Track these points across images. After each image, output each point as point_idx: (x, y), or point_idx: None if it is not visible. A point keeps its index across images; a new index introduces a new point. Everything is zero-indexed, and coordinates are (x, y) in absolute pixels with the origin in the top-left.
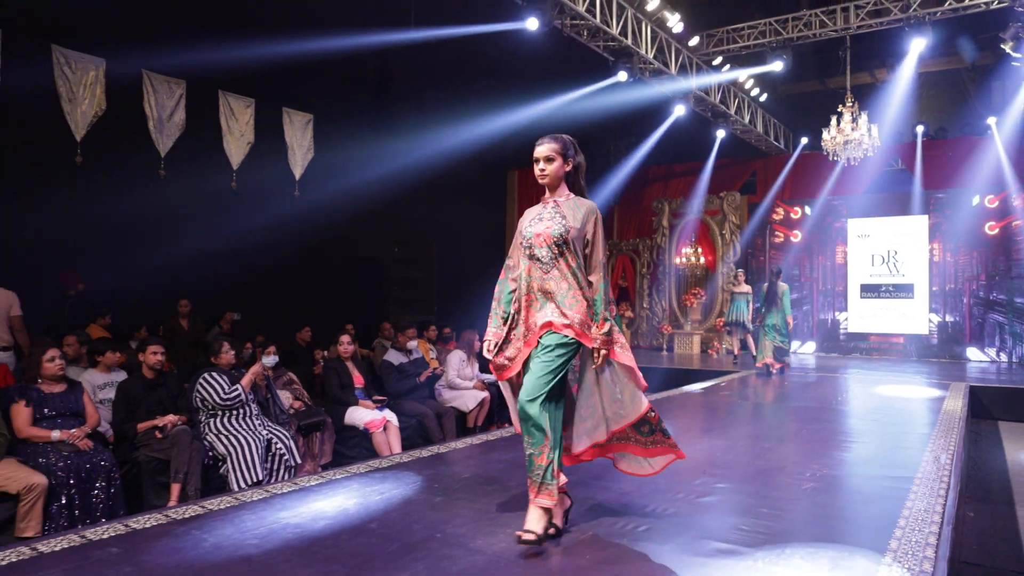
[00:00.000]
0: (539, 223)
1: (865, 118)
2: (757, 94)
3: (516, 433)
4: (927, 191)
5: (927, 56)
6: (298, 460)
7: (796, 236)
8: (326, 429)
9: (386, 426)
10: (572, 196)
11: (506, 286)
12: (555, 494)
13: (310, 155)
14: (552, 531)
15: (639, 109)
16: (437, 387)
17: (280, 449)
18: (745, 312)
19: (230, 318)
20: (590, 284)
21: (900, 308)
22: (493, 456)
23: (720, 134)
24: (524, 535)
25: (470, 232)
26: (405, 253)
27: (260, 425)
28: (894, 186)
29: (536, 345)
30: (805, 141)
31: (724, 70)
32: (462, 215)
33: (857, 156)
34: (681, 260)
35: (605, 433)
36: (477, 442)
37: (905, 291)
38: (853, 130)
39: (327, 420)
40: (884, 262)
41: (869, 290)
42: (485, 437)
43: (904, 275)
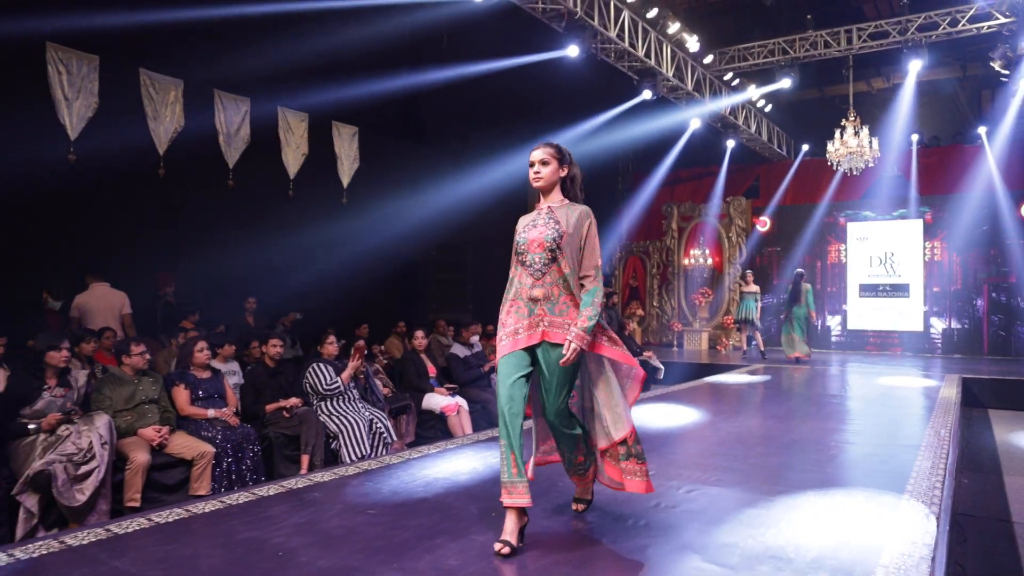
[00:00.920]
0: (532, 229)
1: (866, 132)
2: (762, 105)
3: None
4: (922, 196)
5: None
6: (394, 437)
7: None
8: (410, 412)
9: (459, 410)
10: (567, 202)
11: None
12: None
13: (356, 165)
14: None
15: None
16: (493, 377)
17: (380, 428)
18: (754, 310)
19: (292, 317)
20: (581, 288)
21: (897, 307)
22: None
23: (730, 144)
24: (579, 506)
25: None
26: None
27: (362, 407)
28: (891, 191)
29: (513, 348)
30: (806, 148)
31: (734, 83)
32: (494, 223)
33: (859, 167)
34: (690, 261)
35: (605, 442)
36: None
37: (901, 291)
38: (856, 143)
39: (411, 404)
40: (882, 263)
41: (867, 290)
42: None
43: (900, 276)
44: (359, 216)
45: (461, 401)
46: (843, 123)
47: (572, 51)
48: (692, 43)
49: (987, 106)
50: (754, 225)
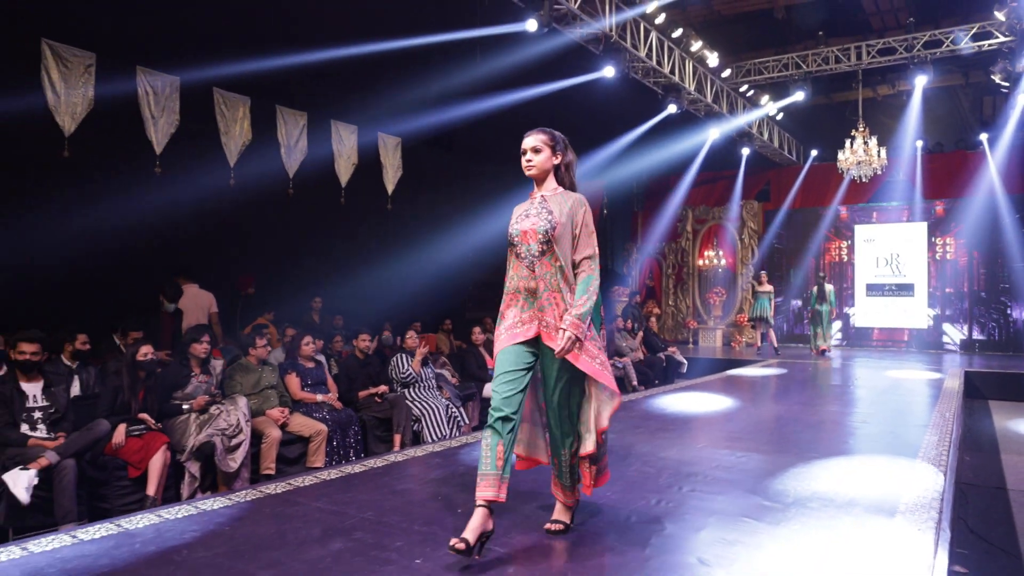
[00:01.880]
0: (525, 220)
1: (875, 141)
2: (774, 113)
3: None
4: (926, 200)
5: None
6: (467, 421)
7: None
8: (475, 399)
9: None
10: (560, 190)
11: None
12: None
13: (399, 173)
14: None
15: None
16: None
17: (455, 412)
18: (768, 309)
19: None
20: (577, 277)
21: (902, 305)
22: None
23: (745, 152)
24: (555, 526)
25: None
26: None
27: (440, 394)
28: (896, 196)
29: (521, 343)
30: (815, 153)
31: (749, 94)
32: (499, 222)
33: (867, 174)
34: (704, 262)
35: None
36: None
37: (906, 290)
38: (864, 153)
39: (476, 392)
40: (888, 264)
41: (874, 289)
42: None
43: (905, 276)
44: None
45: None
46: (853, 133)
47: (608, 72)
48: (712, 59)
49: (989, 112)
50: (766, 227)
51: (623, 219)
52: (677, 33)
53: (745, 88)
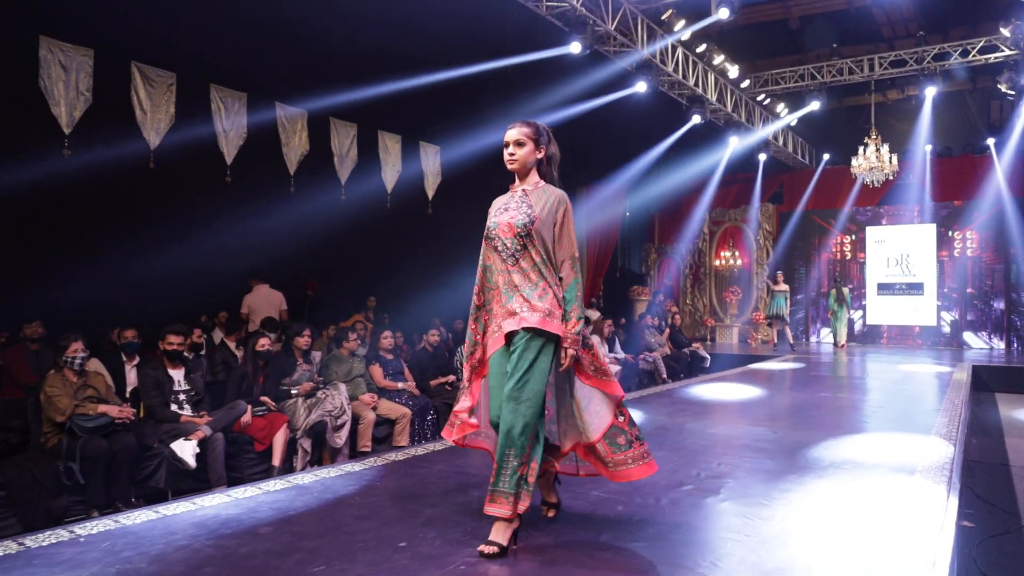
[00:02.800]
0: (504, 213)
1: (886, 148)
2: (792, 123)
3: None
4: (935, 203)
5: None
6: None
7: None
8: None
9: None
10: (542, 184)
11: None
12: (528, 501)
13: (438, 180)
14: (552, 513)
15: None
16: None
17: None
18: (784, 307)
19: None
20: (560, 280)
21: (912, 304)
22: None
23: (762, 157)
24: (487, 548)
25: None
26: None
27: None
28: (906, 198)
29: (505, 343)
30: (827, 157)
31: (766, 103)
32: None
33: (879, 180)
34: (720, 262)
35: (582, 445)
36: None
37: (916, 289)
38: (877, 160)
39: None
40: (898, 264)
41: (885, 288)
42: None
43: (915, 275)
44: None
45: None
46: (865, 140)
47: (640, 87)
48: (733, 71)
49: (996, 116)
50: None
51: (641, 221)
52: (701, 48)
53: (762, 96)
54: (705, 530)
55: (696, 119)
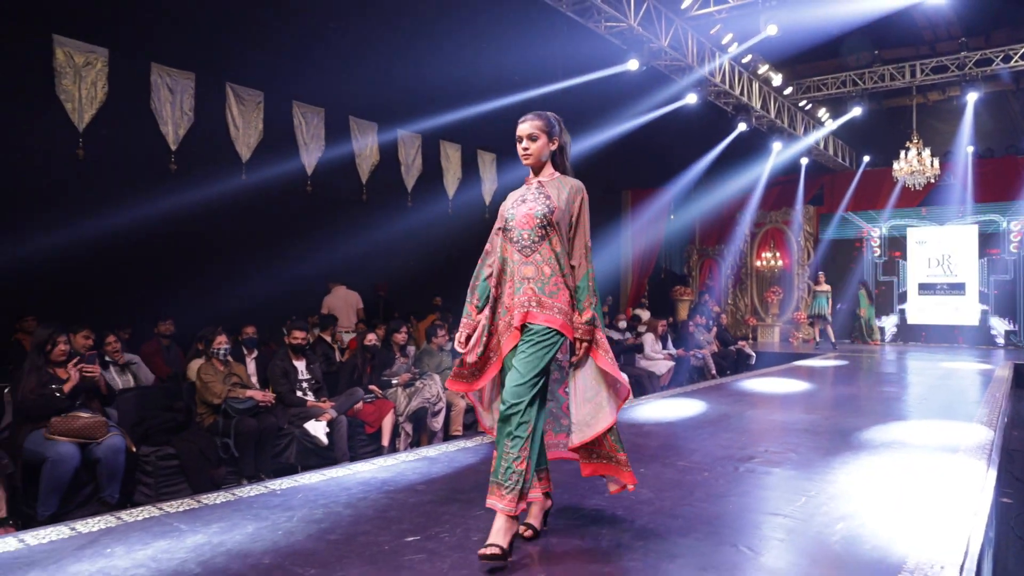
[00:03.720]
0: (522, 204)
1: (928, 152)
2: (834, 129)
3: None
4: (977, 204)
5: None
6: None
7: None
8: None
9: None
10: (557, 175)
11: (482, 273)
12: (526, 499)
13: (494, 186)
14: (529, 533)
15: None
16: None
17: None
18: (825, 307)
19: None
20: (572, 270)
21: (953, 303)
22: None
23: (804, 161)
24: (489, 550)
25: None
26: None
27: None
28: (948, 199)
29: (517, 339)
30: (868, 159)
31: (807, 108)
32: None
33: (920, 183)
34: (761, 263)
35: (577, 440)
36: (676, 392)
37: (958, 289)
38: (919, 164)
39: None
40: (939, 264)
41: (926, 288)
42: (675, 391)
43: (956, 275)
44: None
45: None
46: (907, 145)
47: (691, 99)
48: (776, 79)
49: None
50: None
51: (683, 223)
52: (747, 58)
53: (804, 103)
54: (781, 489)
55: (742, 127)
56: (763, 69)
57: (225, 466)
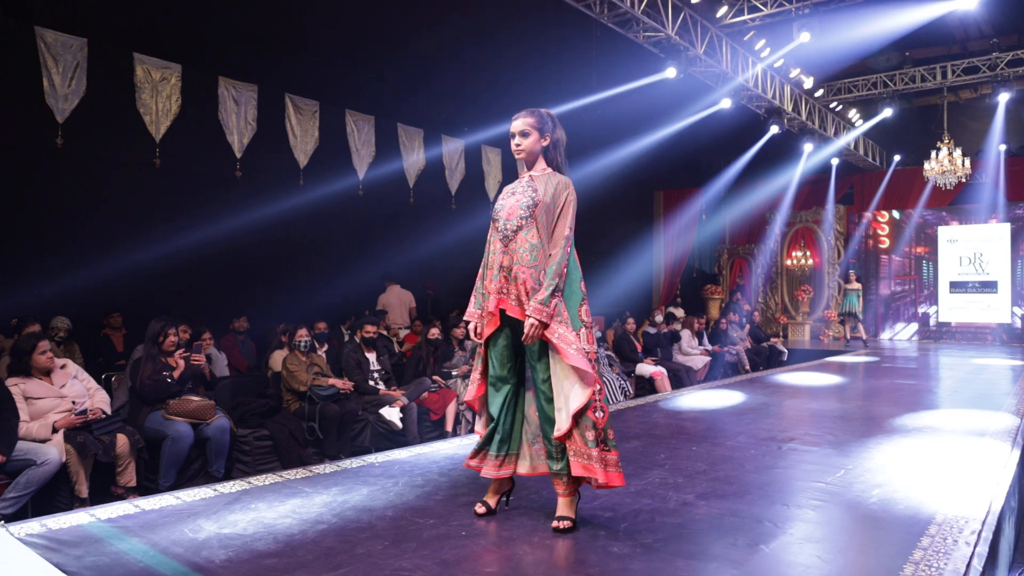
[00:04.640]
0: (511, 197)
1: (959, 152)
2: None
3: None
4: (1009, 202)
5: None
6: (631, 391)
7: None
8: (632, 376)
9: (662, 375)
10: (548, 171)
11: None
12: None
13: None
14: (483, 510)
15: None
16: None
17: (623, 384)
18: (856, 305)
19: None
20: (548, 259)
21: (985, 301)
22: (723, 392)
23: (835, 162)
24: (561, 524)
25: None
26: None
27: (611, 369)
28: (979, 198)
29: (496, 325)
30: (898, 158)
31: (838, 109)
32: (613, 227)
33: (951, 183)
34: (792, 262)
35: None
36: (715, 384)
37: (990, 287)
38: (950, 164)
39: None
40: (971, 263)
41: (957, 287)
42: (713, 383)
43: (989, 274)
44: None
45: (662, 369)
46: (938, 144)
47: (725, 103)
48: (808, 82)
49: None
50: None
51: (714, 223)
52: (779, 63)
53: (834, 104)
54: (822, 464)
55: (774, 129)
56: (795, 73)
57: (311, 448)
